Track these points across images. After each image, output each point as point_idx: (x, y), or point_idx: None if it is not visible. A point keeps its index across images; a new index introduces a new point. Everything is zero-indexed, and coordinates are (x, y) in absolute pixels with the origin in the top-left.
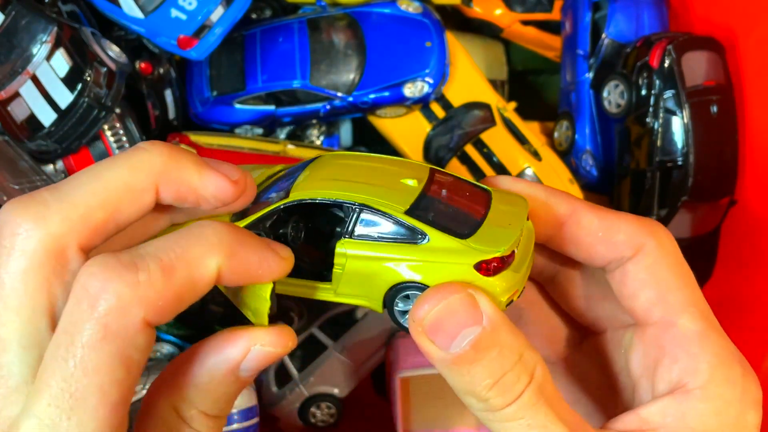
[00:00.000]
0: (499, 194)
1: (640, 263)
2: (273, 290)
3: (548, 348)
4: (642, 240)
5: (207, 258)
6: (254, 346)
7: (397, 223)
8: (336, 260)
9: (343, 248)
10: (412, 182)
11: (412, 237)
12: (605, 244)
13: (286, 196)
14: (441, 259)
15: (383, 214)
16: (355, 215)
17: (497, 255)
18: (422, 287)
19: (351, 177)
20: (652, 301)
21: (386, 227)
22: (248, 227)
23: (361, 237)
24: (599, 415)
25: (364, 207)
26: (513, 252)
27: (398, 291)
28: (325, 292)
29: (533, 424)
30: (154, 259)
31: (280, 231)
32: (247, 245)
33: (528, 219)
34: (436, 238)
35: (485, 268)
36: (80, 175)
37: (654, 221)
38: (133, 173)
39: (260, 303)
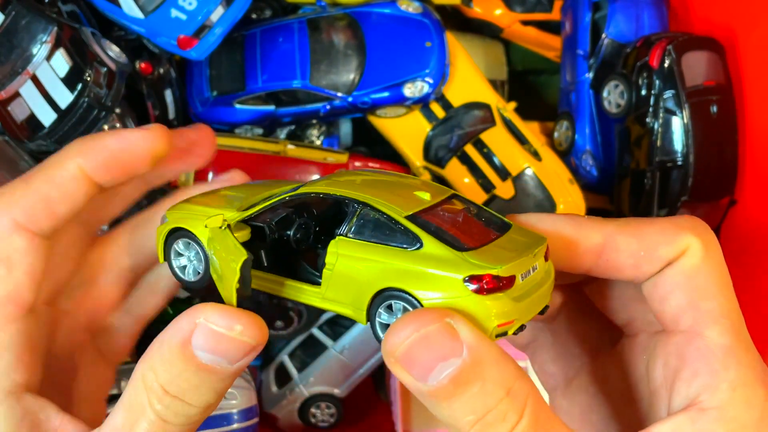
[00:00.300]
0: (519, 229)
1: (678, 266)
2: (247, 264)
3: (579, 347)
4: (684, 243)
5: (64, 161)
6: (198, 319)
7: (395, 225)
8: (327, 260)
9: (335, 248)
10: (425, 196)
11: (406, 242)
12: (649, 261)
13: (291, 191)
14: (431, 268)
15: (382, 214)
16: (353, 214)
17: (492, 272)
18: (407, 297)
19: (363, 183)
20: (683, 307)
21: (383, 229)
22: (253, 216)
23: (356, 237)
24: (615, 424)
25: (365, 205)
26: (513, 277)
27: (382, 299)
28: (313, 296)
29: None
30: (20, 178)
31: (286, 232)
32: (102, 136)
33: (547, 259)
34: (430, 245)
35: (477, 284)
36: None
37: (696, 219)
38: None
39: (230, 275)
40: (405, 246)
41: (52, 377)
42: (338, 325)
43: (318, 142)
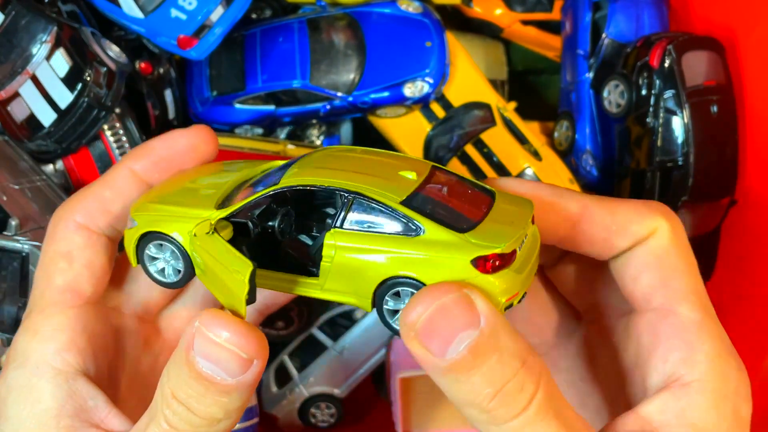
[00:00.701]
0: (504, 195)
1: (647, 246)
2: (253, 274)
3: (538, 336)
4: (654, 224)
5: (118, 166)
6: (195, 323)
7: (392, 213)
8: (324, 252)
9: (332, 239)
10: (410, 175)
11: (406, 229)
12: (621, 236)
13: (276, 184)
14: (436, 253)
15: (377, 203)
16: (346, 204)
17: (497, 251)
18: (415, 283)
19: (345, 167)
20: (654, 286)
21: (379, 218)
22: (235, 213)
23: (352, 228)
24: (583, 413)
25: (357, 195)
26: (514, 251)
27: (389, 287)
28: (311, 288)
29: None
30: (86, 186)
31: (269, 223)
32: (151, 140)
33: (533, 222)
34: (432, 230)
35: (483, 264)
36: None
37: (662, 204)
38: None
39: (237, 287)
40: (406, 233)
41: (114, 375)
42: (338, 325)
43: (318, 142)
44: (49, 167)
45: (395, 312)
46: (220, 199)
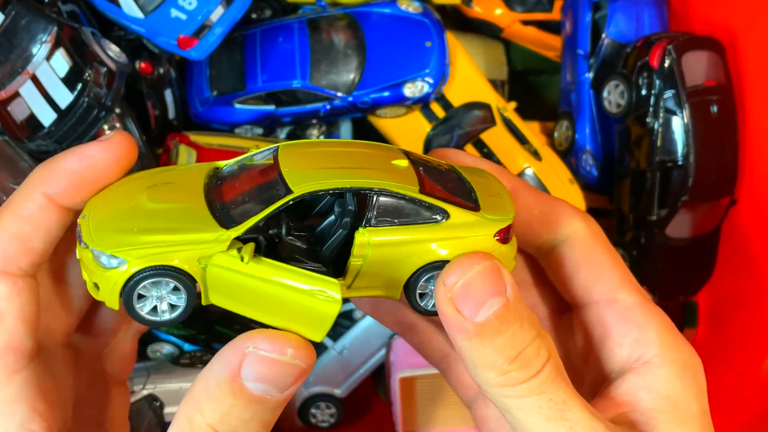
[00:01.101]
0: (463, 168)
1: (574, 246)
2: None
3: None
4: (574, 223)
5: (28, 192)
6: (247, 348)
7: (418, 204)
8: (356, 251)
9: (365, 238)
10: (402, 163)
11: (431, 217)
12: (539, 222)
13: (287, 190)
14: (465, 233)
15: (402, 197)
16: (373, 201)
17: (509, 222)
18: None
19: (343, 164)
20: (591, 280)
21: (407, 210)
22: (252, 229)
23: (382, 223)
24: None
25: (383, 191)
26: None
27: (425, 272)
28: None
29: (555, 399)
30: None
31: (270, 231)
32: (61, 157)
33: None
34: (455, 214)
35: (503, 236)
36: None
37: (582, 210)
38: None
39: (324, 306)
40: (432, 220)
41: (80, 412)
42: (338, 325)
43: None
44: None
45: (423, 295)
46: (210, 215)
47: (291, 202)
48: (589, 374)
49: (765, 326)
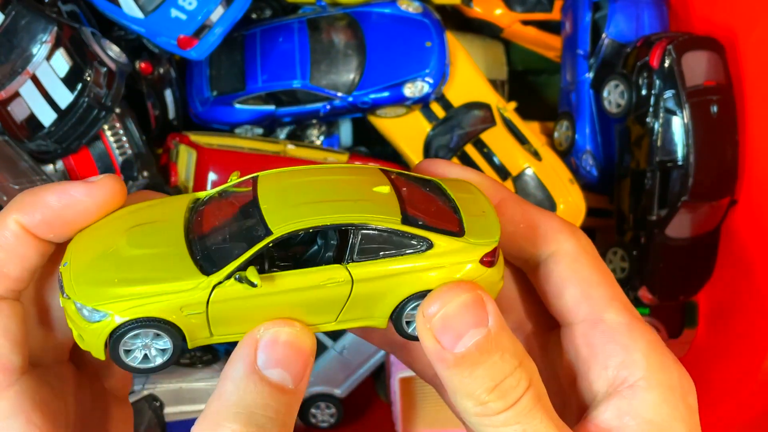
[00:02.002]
0: (446, 182)
1: (561, 262)
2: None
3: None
4: (561, 238)
5: (3, 218)
6: (257, 334)
7: (401, 235)
8: (339, 288)
9: (346, 274)
10: (384, 190)
11: (415, 246)
12: (525, 237)
13: (267, 231)
14: (449, 261)
15: (384, 230)
16: (355, 237)
17: (494, 246)
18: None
19: (323, 197)
20: (577, 299)
21: (389, 242)
22: (230, 275)
23: (365, 258)
24: None
25: (364, 226)
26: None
27: (409, 302)
28: (325, 324)
29: (532, 429)
30: None
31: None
32: (43, 190)
33: None
34: (439, 242)
35: (488, 260)
36: None
37: (572, 224)
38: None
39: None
40: (417, 250)
41: (84, 430)
42: None
43: (318, 142)
44: (49, 167)
45: (410, 323)
46: (190, 260)
47: (271, 244)
48: (575, 396)
49: (765, 326)
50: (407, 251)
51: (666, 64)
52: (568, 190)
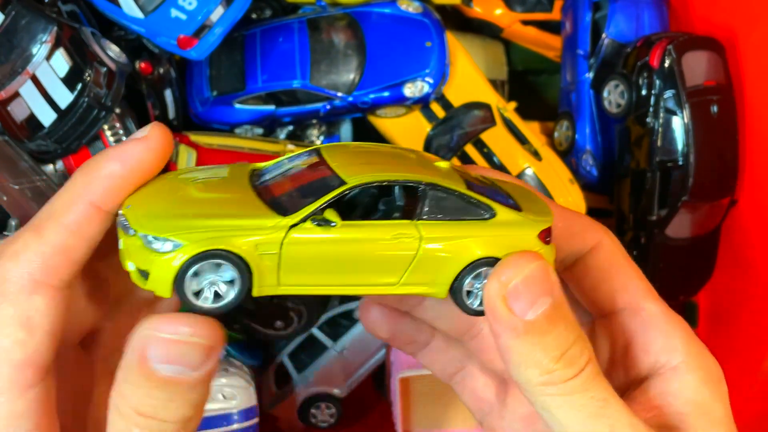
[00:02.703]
0: (494, 178)
1: (599, 256)
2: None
3: None
4: (597, 236)
5: (74, 202)
6: (148, 332)
7: (466, 200)
8: (405, 245)
9: (415, 232)
10: (444, 165)
11: (478, 213)
12: (564, 236)
13: (341, 182)
14: (510, 232)
15: (452, 192)
16: (423, 196)
17: (550, 224)
18: (495, 261)
19: (389, 162)
20: (616, 290)
21: (455, 206)
22: (305, 219)
23: (432, 218)
24: None
25: (434, 186)
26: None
27: (472, 269)
28: (387, 287)
29: (596, 397)
30: (27, 227)
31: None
32: (103, 162)
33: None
34: (501, 212)
35: (545, 237)
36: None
37: (601, 224)
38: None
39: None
40: (480, 217)
41: (93, 418)
42: (338, 325)
43: (318, 142)
44: (49, 167)
45: (470, 293)
46: (264, 205)
47: (347, 193)
48: (612, 382)
49: (765, 326)
50: (471, 218)
51: (666, 64)
52: (568, 190)
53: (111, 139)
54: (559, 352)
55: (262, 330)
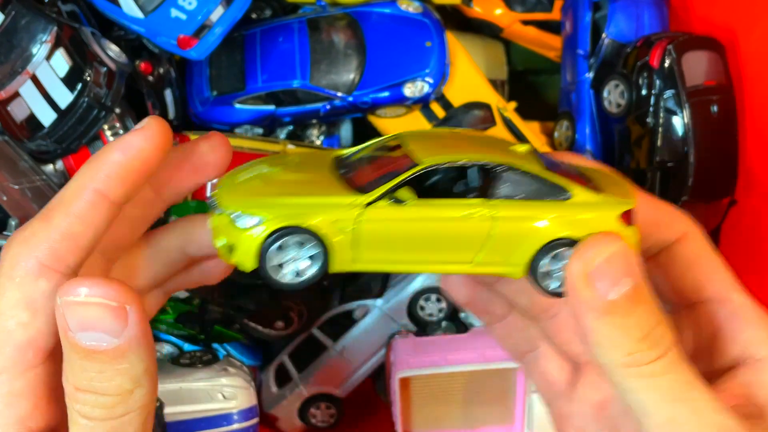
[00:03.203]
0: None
1: (687, 246)
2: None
3: (579, 341)
4: (684, 227)
5: (81, 190)
6: (57, 299)
7: (541, 181)
8: (480, 224)
9: (489, 209)
10: (521, 148)
11: (555, 194)
12: (651, 224)
13: (414, 164)
14: (588, 213)
15: (527, 173)
16: (498, 177)
17: (632, 206)
18: (573, 242)
19: (465, 145)
20: (703, 279)
21: (530, 186)
22: (380, 197)
23: (506, 197)
24: None
25: (509, 167)
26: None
27: (548, 250)
28: (462, 265)
29: (681, 380)
30: (37, 215)
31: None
32: (108, 152)
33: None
34: (578, 193)
35: (627, 218)
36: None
37: (688, 214)
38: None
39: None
40: (556, 197)
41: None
42: (338, 325)
43: (318, 142)
44: (49, 167)
45: (547, 274)
46: (342, 185)
47: (421, 173)
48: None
49: None
50: (548, 198)
51: (666, 64)
52: None
53: (111, 139)
54: (642, 334)
55: (262, 330)
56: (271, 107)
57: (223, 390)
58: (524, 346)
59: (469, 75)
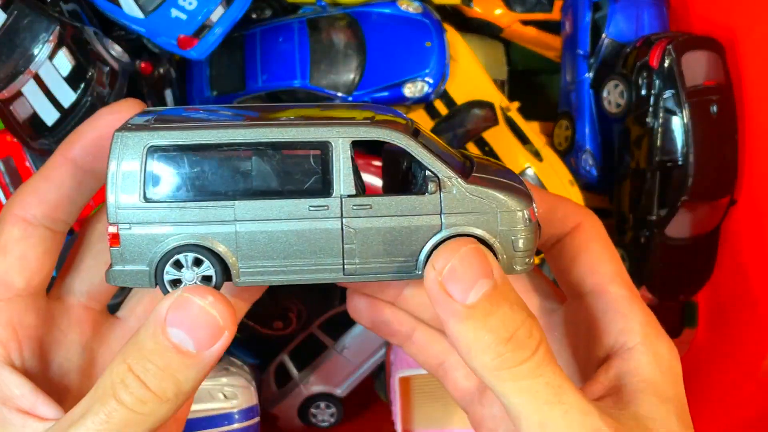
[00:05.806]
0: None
1: (575, 239)
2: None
3: None
4: (577, 219)
5: (52, 157)
6: (176, 293)
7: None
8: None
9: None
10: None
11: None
12: (545, 219)
13: None
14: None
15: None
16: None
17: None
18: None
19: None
20: (585, 272)
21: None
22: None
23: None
24: None
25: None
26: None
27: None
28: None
29: (551, 383)
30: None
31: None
32: (83, 125)
33: None
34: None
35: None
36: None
37: (585, 207)
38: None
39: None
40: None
41: (53, 364)
42: (338, 324)
43: None
44: None
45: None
46: None
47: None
48: (578, 362)
49: (765, 326)
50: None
51: (666, 64)
52: (568, 191)
53: None
54: (507, 334)
55: (261, 330)
56: None
57: (224, 389)
58: (434, 359)
59: (473, 73)
